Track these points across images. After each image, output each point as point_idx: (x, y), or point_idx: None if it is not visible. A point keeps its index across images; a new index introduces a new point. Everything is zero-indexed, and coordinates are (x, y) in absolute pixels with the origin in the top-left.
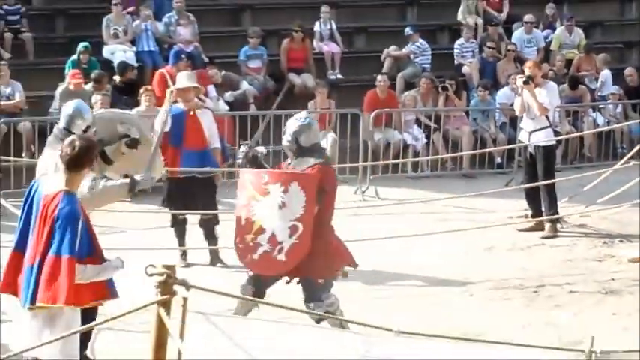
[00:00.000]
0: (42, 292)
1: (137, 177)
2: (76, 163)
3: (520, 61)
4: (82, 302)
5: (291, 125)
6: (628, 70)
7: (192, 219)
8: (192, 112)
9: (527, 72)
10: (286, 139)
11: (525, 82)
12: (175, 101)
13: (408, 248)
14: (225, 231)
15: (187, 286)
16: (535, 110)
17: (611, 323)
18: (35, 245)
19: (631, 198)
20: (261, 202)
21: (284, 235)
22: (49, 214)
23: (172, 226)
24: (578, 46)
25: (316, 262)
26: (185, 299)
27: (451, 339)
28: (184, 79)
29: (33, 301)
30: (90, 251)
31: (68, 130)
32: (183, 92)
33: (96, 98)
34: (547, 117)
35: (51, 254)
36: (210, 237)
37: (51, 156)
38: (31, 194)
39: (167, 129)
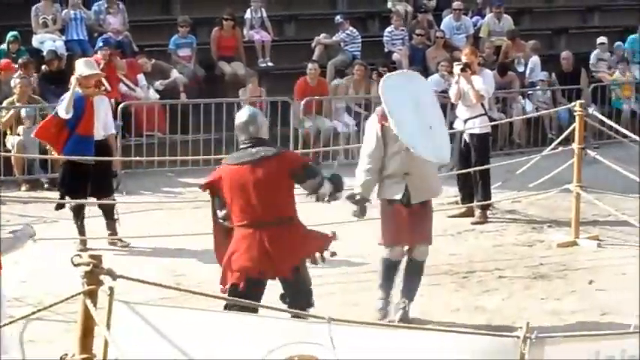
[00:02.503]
0: None
1: None
2: None
3: (449, 48)
4: None
5: None
6: (565, 54)
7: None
8: (90, 99)
9: (463, 59)
10: None
11: (463, 70)
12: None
13: (339, 235)
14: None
15: (114, 276)
16: (472, 98)
17: (540, 308)
18: None
19: (560, 183)
20: None
21: None
22: None
23: (57, 209)
24: (507, 33)
25: None
26: (111, 289)
27: (382, 326)
28: (84, 66)
29: None
30: None
31: None
32: (86, 79)
33: (15, 82)
34: (482, 104)
35: None
36: (110, 219)
37: None
38: None
39: (70, 115)
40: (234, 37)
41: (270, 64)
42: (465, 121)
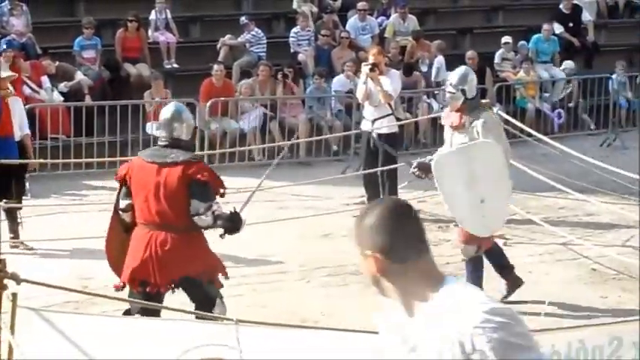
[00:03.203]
0: None
1: None
2: None
3: (355, 48)
4: None
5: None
6: (470, 54)
7: None
8: (5, 100)
9: (371, 59)
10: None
11: (371, 70)
12: None
13: (246, 237)
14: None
15: (18, 280)
16: (380, 98)
17: None
18: None
19: None
20: None
21: None
22: None
23: None
24: (412, 33)
25: None
26: (14, 295)
27: (291, 327)
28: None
29: None
30: None
31: None
32: (3, 81)
33: None
34: (389, 104)
35: None
36: (12, 221)
37: None
38: None
39: None
40: (139, 39)
41: (175, 65)
42: (373, 122)
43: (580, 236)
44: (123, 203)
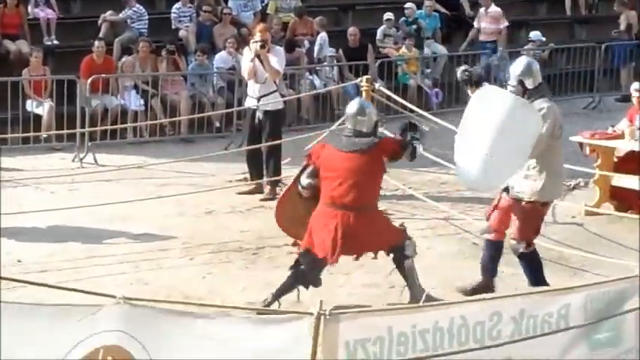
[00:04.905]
0: None
1: None
2: None
3: (237, 24)
4: None
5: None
6: (351, 30)
7: None
8: None
9: (258, 36)
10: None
11: (262, 47)
12: None
13: (128, 214)
14: None
15: None
16: (268, 74)
17: (330, 282)
18: None
19: None
20: None
21: None
22: None
23: None
24: (295, 10)
25: None
26: None
27: (176, 304)
28: None
29: None
30: None
31: None
32: None
33: None
34: (274, 81)
35: None
36: None
37: None
38: None
39: None
40: (19, 15)
41: (55, 42)
42: (258, 99)
43: (462, 211)
44: (305, 181)
